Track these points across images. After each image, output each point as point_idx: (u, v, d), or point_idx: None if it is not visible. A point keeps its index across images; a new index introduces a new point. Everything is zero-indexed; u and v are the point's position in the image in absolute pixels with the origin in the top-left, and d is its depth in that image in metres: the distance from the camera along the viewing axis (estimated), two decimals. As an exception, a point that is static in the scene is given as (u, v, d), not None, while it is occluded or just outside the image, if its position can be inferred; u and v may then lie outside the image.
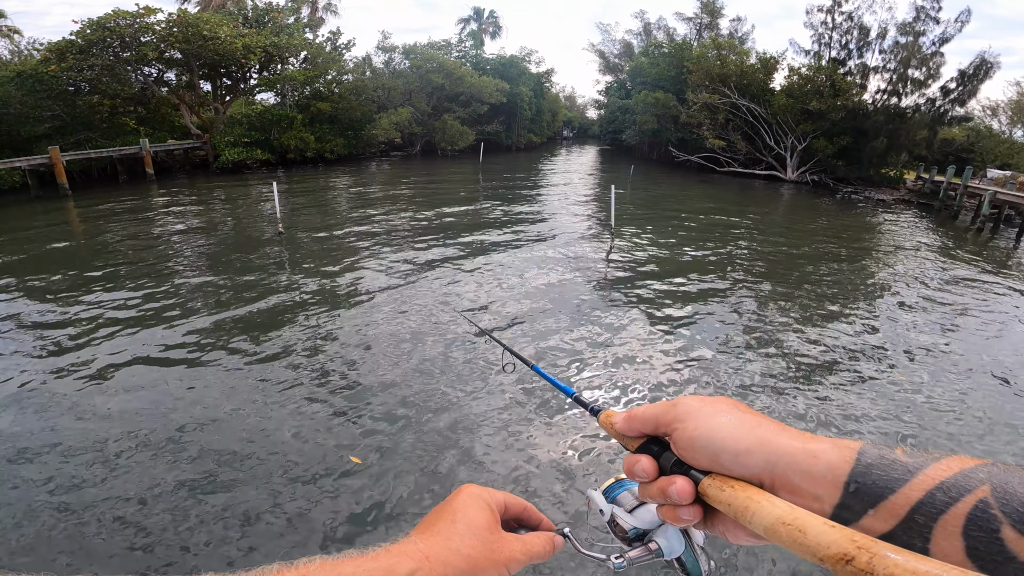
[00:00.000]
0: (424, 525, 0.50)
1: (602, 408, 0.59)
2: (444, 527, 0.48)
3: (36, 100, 19.52)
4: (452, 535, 0.48)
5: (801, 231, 14.73)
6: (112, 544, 3.33)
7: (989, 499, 0.32)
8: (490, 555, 0.48)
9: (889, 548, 0.30)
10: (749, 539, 0.44)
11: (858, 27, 24.31)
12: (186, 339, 6.32)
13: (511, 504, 0.56)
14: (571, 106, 64.29)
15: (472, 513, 0.50)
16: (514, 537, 0.52)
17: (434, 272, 9.08)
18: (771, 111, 25.74)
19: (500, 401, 5.00)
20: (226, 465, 4.05)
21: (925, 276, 10.53)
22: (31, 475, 3.91)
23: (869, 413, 5.12)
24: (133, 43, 20.88)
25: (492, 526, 0.51)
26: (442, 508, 0.51)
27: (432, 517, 0.51)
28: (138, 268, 9.18)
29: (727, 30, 34.20)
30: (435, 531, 0.48)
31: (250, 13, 27.84)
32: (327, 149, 27.19)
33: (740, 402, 0.47)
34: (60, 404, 4.88)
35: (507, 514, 0.55)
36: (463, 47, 39.29)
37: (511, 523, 0.56)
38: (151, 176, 20.98)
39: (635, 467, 0.47)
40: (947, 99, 23.33)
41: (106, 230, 12.52)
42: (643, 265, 9.97)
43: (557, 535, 0.56)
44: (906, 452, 0.37)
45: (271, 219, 12.78)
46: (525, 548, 0.52)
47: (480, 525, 0.49)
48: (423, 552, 0.45)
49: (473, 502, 0.51)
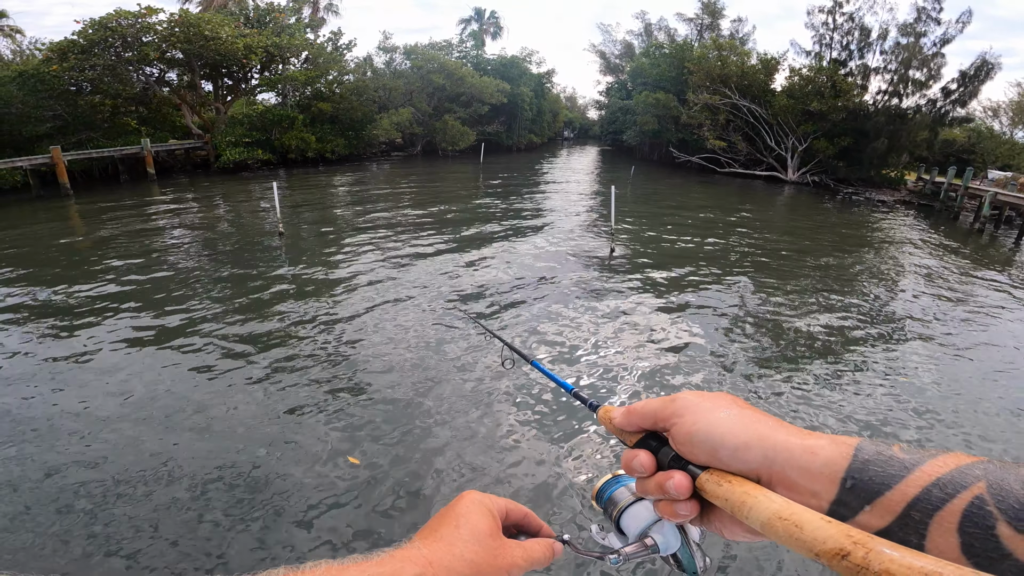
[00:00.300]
0: (427, 530, 0.50)
1: (600, 403, 0.60)
2: (447, 532, 0.49)
3: (38, 100, 19.54)
4: (455, 541, 0.48)
5: (801, 231, 14.73)
6: (96, 547, 3.34)
7: (985, 496, 0.32)
8: (493, 561, 0.49)
9: (885, 544, 0.30)
10: (746, 535, 0.44)
11: (859, 28, 24.32)
12: (185, 337, 6.33)
13: (512, 510, 0.56)
14: (572, 107, 64.31)
15: (475, 519, 0.50)
16: (515, 543, 0.53)
17: (434, 269, 9.08)
18: (772, 112, 25.75)
19: (500, 398, 5.00)
20: (224, 464, 4.06)
21: (924, 275, 10.54)
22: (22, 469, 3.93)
23: (870, 414, 5.12)
24: (135, 43, 20.91)
25: (494, 532, 0.51)
26: (445, 513, 0.52)
27: (435, 523, 0.51)
28: (139, 267, 9.19)
29: (728, 31, 34.26)
30: (438, 536, 0.48)
31: (251, 13, 27.87)
32: (328, 149, 27.23)
33: (739, 398, 0.47)
34: (54, 396, 4.90)
35: (508, 520, 0.56)
36: (464, 47, 39.33)
37: (511, 529, 0.57)
38: (152, 176, 21.01)
39: (633, 462, 0.47)
40: (948, 100, 23.34)
41: (107, 229, 12.53)
42: (643, 263, 9.98)
43: (557, 542, 0.56)
44: (903, 449, 0.38)
45: (272, 219, 12.79)
46: (526, 554, 0.52)
47: (483, 531, 0.50)
48: (427, 557, 0.45)
49: (476, 508, 0.52)
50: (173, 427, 4.52)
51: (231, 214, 14.88)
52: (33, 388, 5.16)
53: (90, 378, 5.38)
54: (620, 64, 42.83)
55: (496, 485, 3.90)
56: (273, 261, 9.77)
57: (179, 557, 3.23)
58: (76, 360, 5.76)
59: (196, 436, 4.40)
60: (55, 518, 3.50)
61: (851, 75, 24.89)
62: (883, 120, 23.75)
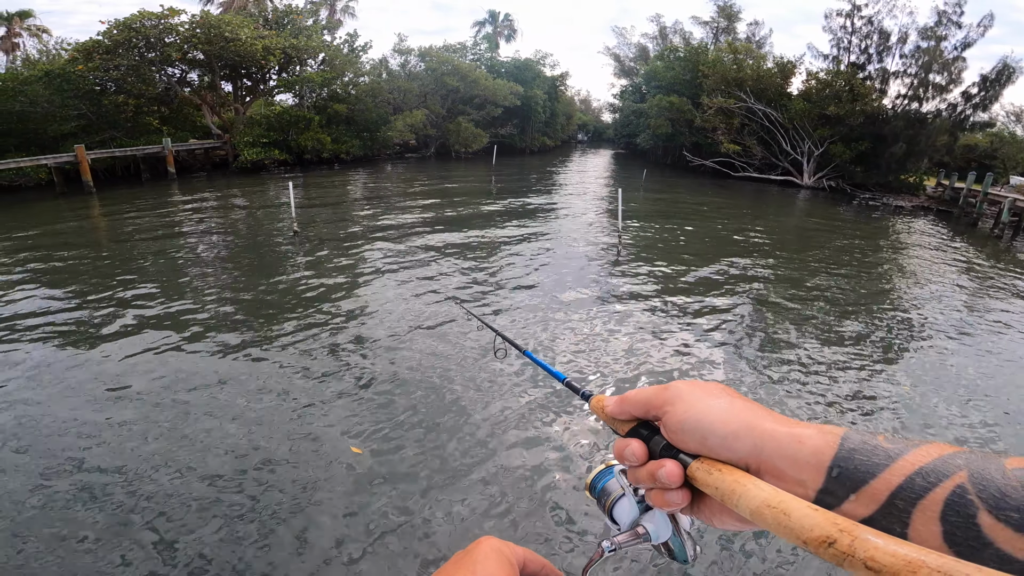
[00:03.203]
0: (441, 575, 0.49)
1: (593, 393, 0.60)
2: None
3: (63, 99, 20.05)
4: None
5: (816, 235, 14.60)
6: (121, 540, 3.46)
7: (966, 485, 0.33)
8: None
9: (870, 532, 0.31)
10: (735, 524, 0.45)
11: (878, 31, 24.04)
12: (199, 331, 6.51)
13: (530, 560, 0.54)
14: (586, 109, 64.19)
15: (492, 568, 0.48)
16: None
17: (441, 266, 9.20)
18: (788, 116, 25.52)
19: (493, 388, 5.07)
20: (238, 456, 4.19)
21: (939, 281, 10.40)
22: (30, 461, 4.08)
23: (879, 421, 5.10)
24: (158, 44, 21.39)
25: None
26: (460, 559, 0.50)
27: (450, 568, 0.49)
28: (156, 262, 9.43)
29: (744, 34, 33.99)
30: None
31: (270, 15, 28.34)
32: (343, 150, 27.57)
33: (730, 388, 0.48)
34: (74, 386, 5.08)
35: (526, 571, 0.53)
36: (478, 50, 39.51)
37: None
38: (172, 175, 21.45)
39: (625, 451, 0.48)
40: (968, 104, 22.96)
41: (128, 226, 12.85)
42: (649, 264, 9.99)
43: None
44: (887, 438, 0.38)
45: (287, 218, 13.01)
46: None
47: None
48: None
49: (494, 556, 0.49)
50: (179, 409, 4.66)
51: (248, 213, 15.16)
52: (42, 392, 5.35)
53: (106, 362, 5.56)
54: (634, 67, 42.69)
55: (494, 481, 3.96)
56: (287, 258, 9.95)
57: (164, 555, 3.34)
58: (94, 346, 5.95)
59: (203, 423, 4.53)
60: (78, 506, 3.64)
61: (870, 79, 24.59)
62: (902, 124, 23.42)
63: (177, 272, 8.95)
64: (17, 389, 5.12)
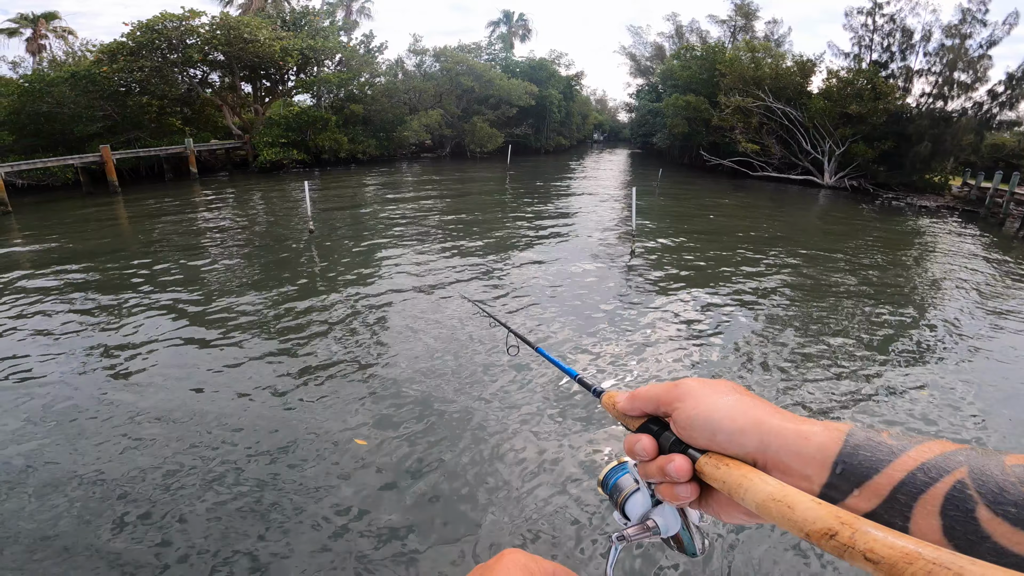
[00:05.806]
0: None
1: (604, 390, 0.61)
2: None
3: (89, 100, 20.52)
4: None
5: (838, 235, 14.34)
6: (126, 534, 3.55)
7: (966, 480, 0.34)
8: None
9: (870, 525, 0.32)
10: (742, 518, 0.46)
11: (900, 29, 23.54)
12: (216, 327, 6.63)
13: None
14: (602, 109, 63.84)
15: None
16: None
17: (455, 264, 9.24)
18: (808, 115, 25.10)
19: (506, 384, 5.08)
20: (255, 449, 4.26)
21: (962, 282, 10.14)
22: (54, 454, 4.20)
23: (893, 422, 5.00)
24: (179, 45, 21.81)
25: None
26: (483, 573, 0.48)
27: None
28: (179, 259, 9.63)
29: (762, 33, 33.50)
30: None
31: (288, 16, 28.72)
32: (360, 150, 27.85)
33: (739, 385, 0.49)
34: (94, 383, 5.21)
35: None
36: (493, 50, 39.59)
37: None
38: (194, 175, 21.90)
39: (636, 446, 0.49)
40: (995, 103, 22.38)
41: (153, 225, 13.14)
42: (663, 264, 9.91)
43: None
44: (892, 435, 0.39)
45: (303, 218, 13.18)
46: None
47: None
48: None
49: (518, 572, 0.48)
50: (195, 405, 4.75)
51: (266, 212, 15.40)
52: (80, 377, 5.50)
53: (127, 359, 5.70)
54: (651, 66, 42.39)
55: (495, 480, 3.97)
56: (302, 256, 10.08)
57: (172, 546, 3.41)
58: (118, 343, 6.10)
59: (216, 419, 4.62)
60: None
61: (892, 77, 24.09)
62: (926, 123, 22.89)
63: (195, 268, 9.14)
64: (52, 376, 5.27)
